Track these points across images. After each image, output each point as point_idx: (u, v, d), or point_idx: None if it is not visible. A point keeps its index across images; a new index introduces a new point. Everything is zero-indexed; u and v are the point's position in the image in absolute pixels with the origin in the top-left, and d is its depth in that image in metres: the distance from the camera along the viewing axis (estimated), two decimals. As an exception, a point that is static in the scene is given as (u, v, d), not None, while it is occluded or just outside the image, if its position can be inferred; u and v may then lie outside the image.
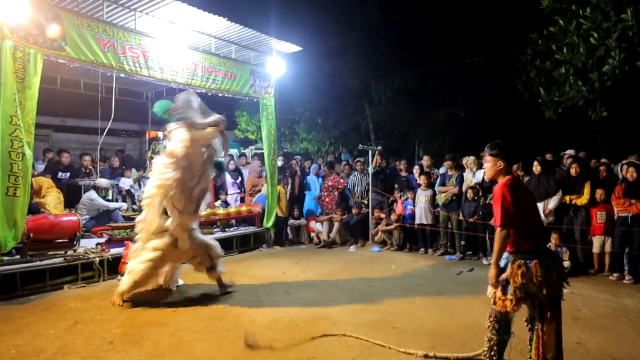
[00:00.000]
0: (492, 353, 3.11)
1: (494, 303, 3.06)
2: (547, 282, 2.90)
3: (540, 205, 6.67)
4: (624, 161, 6.97)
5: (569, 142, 10.01)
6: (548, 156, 8.05)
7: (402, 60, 14.00)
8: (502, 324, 3.09)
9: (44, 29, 5.25)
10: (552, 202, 6.64)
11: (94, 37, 5.81)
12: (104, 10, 6.15)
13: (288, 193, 9.35)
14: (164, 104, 5.23)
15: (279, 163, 9.66)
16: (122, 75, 6.44)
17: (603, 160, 7.66)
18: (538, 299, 2.94)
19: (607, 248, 6.28)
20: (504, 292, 2.99)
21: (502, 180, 3.08)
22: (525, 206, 3.04)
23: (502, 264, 3.05)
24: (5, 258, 5.20)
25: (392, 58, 13.97)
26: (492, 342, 3.11)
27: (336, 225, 8.90)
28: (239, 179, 9.94)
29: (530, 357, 3.06)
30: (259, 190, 9.32)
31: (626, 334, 4.12)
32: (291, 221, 9.32)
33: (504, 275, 2.99)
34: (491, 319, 3.12)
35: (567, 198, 6.64)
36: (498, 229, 2.97)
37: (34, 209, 6.50)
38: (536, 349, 2.97)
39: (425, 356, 3.52)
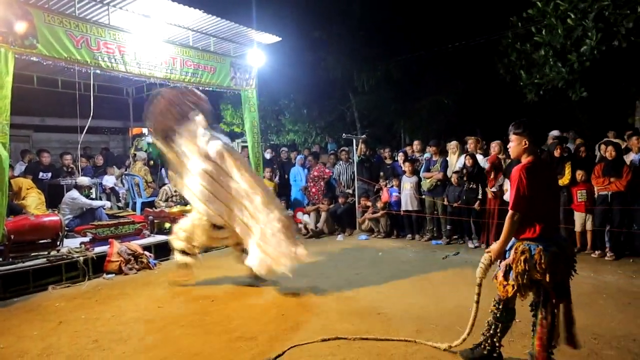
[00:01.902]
0: (495, 339, 3.05)
1: (494, 278, 2.98)
2: (552, 270, 2.77)
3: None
4: (604, 140, 7.07)
5: (552, 123, 10.10)
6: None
7: (384, 49, 14.01)
8: (506, 310, 3.01)
9: (13, 26, 5.13)
10: (534, 184, 6.70)
11: (67, 33, 5.70)
12: (76, 5, 6.03)
13: (277, 186, 9.35)
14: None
15: (267, 156, 9.65)
16: (98, 71, 6.35)
17: (579, 141, 7.75)
18: (543, 286, 2.84)
19: (589, 226, 6.39)
20: (506, 278, 2.91)
21: (524, 160, 2.94)
22: (542, 190, 2.88)
23: (507, 247, 2.97)
24: (-14, 261, 5.13)
25: (375, 47, 13.98)
26: (496, 329, 3.04)
27: (323, 215, 8.91)
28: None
29: (532, 344, 2.97)
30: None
31: (606, 310, 4.21)
32: (278, 213, 9.30)
33: (506, 261, 2.91)
34: (495, 304, 3.03)
35: (549, 179, 6.71)
36: (510, 213, 2.88)
37: (16, 210, 6.42)
38: (539, 338, 2.87)
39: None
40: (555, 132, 8.33)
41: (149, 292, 5.23)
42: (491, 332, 3.07)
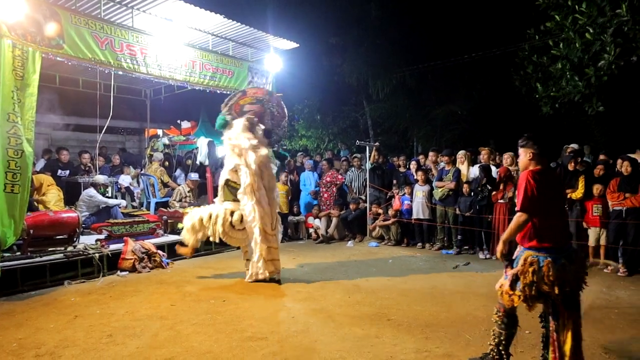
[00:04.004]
0: (501, 348, 3.07)
1: (501, 296, 3.00)
2: (560, 283, 2.75)
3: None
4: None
5: (567, 137, 10.05)
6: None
7: (400, 58, 14.06)
8: (509, 318, 3.04)
9: (41, 27, 5.30)
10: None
11: (92, 34, 5.86)
12: (102, 8, 6.20)
13: (291, 192, 9.43)
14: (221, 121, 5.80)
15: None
16: (120, 72, 6.51)
17: (602, 157, 7.68)
18: (552, 298, 2.84)
19: (602, 241, 6.34)
20: (512, 288, 2.91)
21: (531, 168, 2.99)
22: (551, 199, 2.91)
23: (516, 257, 2.99)
24: (6, 254, 5.26)
25: (391, 55, 14.03)
26: (500, 337, 3.06)
27: (334, 220, 8.96)
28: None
29: (542, 356, 3.00)
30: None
31: (618, 325, 4.18)
32: (290, 217, 9.37)
33: (514, 270, 2.92)
34: (499, 314, 3.06)
35: (562, 192, 6.69)
36: (518, 214, 2.89)
37: (32, 206, 6.55)
38: (553, 351, 2.87)
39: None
40: (574, 145, 8.28)
41: (162, 290, 5.32)
42: (496, 340, 3.10)
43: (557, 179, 3.25)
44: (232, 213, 5.56)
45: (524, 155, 3.05)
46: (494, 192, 7.09)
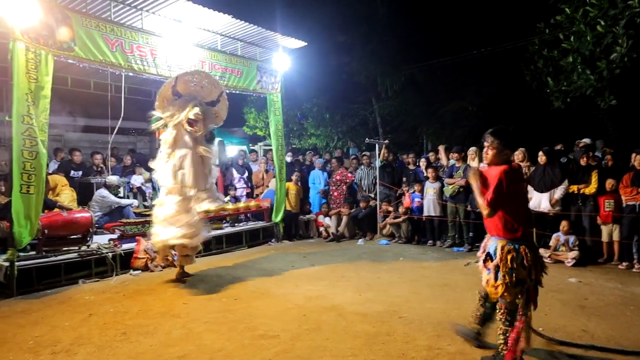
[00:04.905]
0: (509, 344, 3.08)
1: (489, 290, 3.12)
2: (535, 267, 3.02)
3: (546, 195, 6.68)
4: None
5: (580, 131, 9.91)
6: (559, 147, 8.00)
7: (409, 54, 13.96)
8: (512, 315, 3.08)
9: (54, 30, 5.37)
10: (559, 192, 6.63)
11: (102, 37, 5.92)
12: (112, 10, 6.26)
13: (301, 191, 9.45)
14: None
15: (288, 159, 9.76)
16: (130, 74, 6.56)
17: (608, 150, 7.59)
18: (527, 285, 3.02)
19: (616, 237, 6.26)
20: (496, 279, 3.04)
21: (502, 166, 3.09)
22: (520, 194, 3.17)
23: (491, 250, 3.13)
24: (21, 254, 5.35)
25: (399, 52, 13.94)
26: (507, 334, 3.08)
27: (344, 219, 8.96)
28: (245, 173, 10.02)
29: (478, 332, 3.31)
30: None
31: (633, 322, 4.13)
32: (301, 216, 9.39)
33: (494, 262, 3.06)
34: (502, 311, 3.11)
35: (575, 188, 6.62)
36: (487, 210, 3.04)
37: (51, 204, 6.67)
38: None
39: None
40: (586, 140, 8.17)
41: (174, 289, 5.38)
42: (504, 338, 3.12)
43: (521, 174, 3.41)
44: None
45: (492, 150, 3.17)
46: None
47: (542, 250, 6.61)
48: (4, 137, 7.02)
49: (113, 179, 7.82)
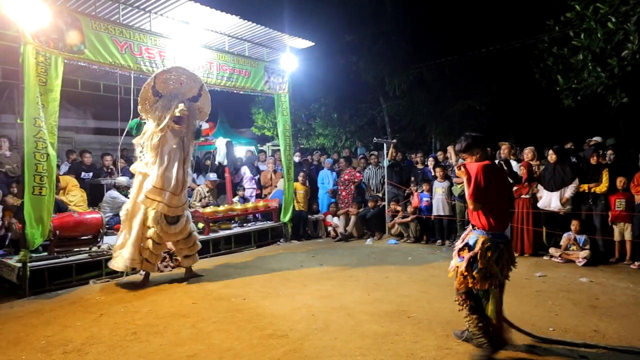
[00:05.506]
0: (482, 331, 3.23)
1: (456, 277, 3.31)
2: (507, 264, 3.25)
3: (556, 194, 6.62)
4: None
5: (591, 129, 9.80)
6: (569, 145, 7.93)
7: (416, 54, 13.91)
8: (472, 299, 3.24)
9: (63, 33, 5.43)
10: (569, 191, 6.56)
11: (112, 39, 5.97)
12: (120, 13, 6.32)
13: (309, 190, 9.46)
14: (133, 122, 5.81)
15: (296, 159, 9.78)
16: (140, 76, 6.60)
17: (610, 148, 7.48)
18: (498, 279, 3.20)
19: (628, 236, 6.18)
20: (470, 269, 3.18)
21: (480, 162, 3.28)
22: (498, 189, 3.28)
23: (471, 242, 3.24)
24: (33, 255, 5.42)
25: (407, 51, 13.89)
26: (476, 322, 3.25)
27: (353, 218, 8.95)
28: (258, 175, 10.07)
29: (470, 330, 3.34)
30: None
31: (646, 322, 4.07)
32: (309, 216, 9.40)
33: (472, 253, 3.19)
34: (461, 301, 3.28)
35: (586, 186, 6.55)
36: (471, 204, 3.22)
37: (61, 205, 6.75)
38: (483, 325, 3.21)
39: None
40: (597, 138, 8.08)
41: (183, 289, 5.41)
42: (475, 325, 3.25)
43: (500, 171, 3.55)
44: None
45: (471, 158, 3.36)
46: (515, 187, 6.96)
47: (552, 250, 6.57)
48: (16, 140, 7.12)
49: (123, 180, 7.89)
